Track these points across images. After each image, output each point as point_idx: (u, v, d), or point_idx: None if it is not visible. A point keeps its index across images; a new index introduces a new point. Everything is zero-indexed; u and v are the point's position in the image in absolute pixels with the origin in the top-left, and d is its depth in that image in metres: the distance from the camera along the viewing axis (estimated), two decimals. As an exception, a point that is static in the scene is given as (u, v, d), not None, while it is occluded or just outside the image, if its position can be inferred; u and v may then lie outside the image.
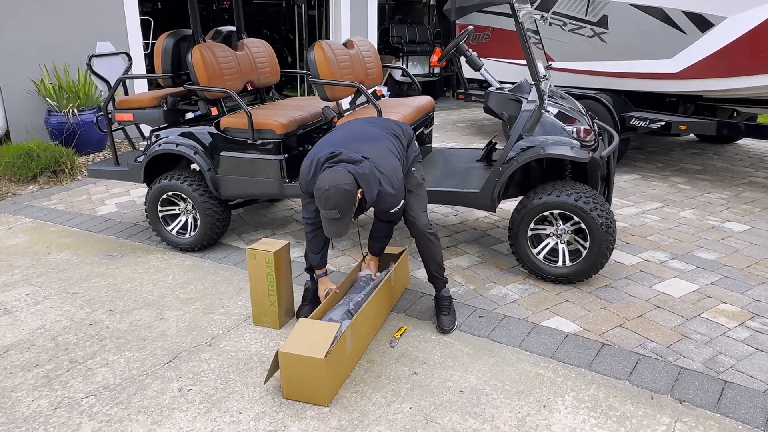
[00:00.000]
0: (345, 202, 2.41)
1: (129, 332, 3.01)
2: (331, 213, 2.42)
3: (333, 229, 2.48)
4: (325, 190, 2.40)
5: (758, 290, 3.26)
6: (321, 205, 2.42)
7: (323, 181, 2.43)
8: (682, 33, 4.97)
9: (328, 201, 2.40)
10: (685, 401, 2.34)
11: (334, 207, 2.40)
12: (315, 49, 3.66)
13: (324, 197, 2.40)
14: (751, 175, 5.62)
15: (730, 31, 4.66)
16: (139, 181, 4.18)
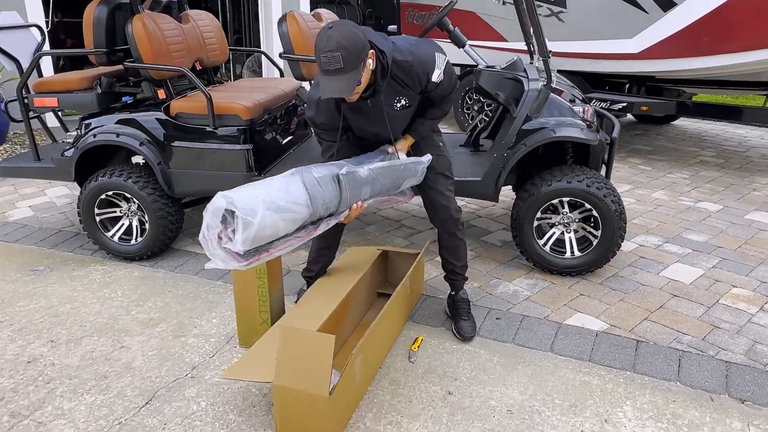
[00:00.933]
0: (350, 44, 1.91)
1: (83, 368, 2.42)
2: (333, 57, 1.90)
3: (335, 84, 1.95)
4: (328, 29, 1.94)
5: (760, 271, 3.21)
6: (321, 49, 1.92)
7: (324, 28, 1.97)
8: (644, 12, 4.92)
9: (330, 40, 1.90)
10: (747, 401, 2.17)
11: (337, 48, 1.89)
12: (288, 20, 3.17)
13: (325, 36, 1.92)
14: (699, 155, 5.75)
15: (693, 10, 4.65)
16: (68, 179, 3.49)
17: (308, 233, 2.14)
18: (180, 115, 3.26)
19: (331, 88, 1.96)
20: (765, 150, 5.94)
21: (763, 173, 5.10)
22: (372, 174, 2.26)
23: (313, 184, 2.06)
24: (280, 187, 2.00)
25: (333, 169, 2.16)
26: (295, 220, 2.02)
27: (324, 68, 1.95)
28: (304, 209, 2.02)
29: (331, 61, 1.91)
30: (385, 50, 2.09)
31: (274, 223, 1.93)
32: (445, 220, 2.53)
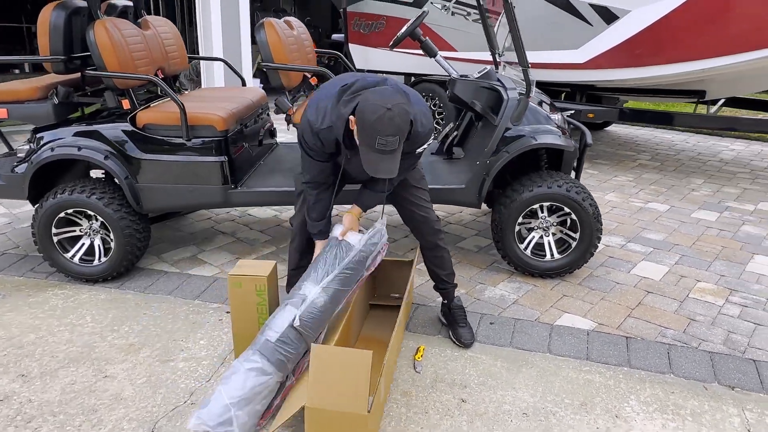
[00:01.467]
0: (406, 126, 1.96)
1: (66, 403, 2.22)
2: (392, 141, 1.92)
3: (386, 165, 1.96)
4: (386, 109, 1.91)
5: (717, 266, 3.47)
6: (380, 132, 1.91)
7: (376, 101, 1.93)
8: (589, 25, 5.20)
9: (392, 123, 1.91)
10: (736, 387, 2.33)
11: (397, 132, 1.93)
12: (266, 28, 3.08)
13: (387, 119, 1.90)
14: (636, 158, 6.14)
15: (634, 23, 4.97)
16: (19, 197, 3.20)
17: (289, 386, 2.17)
18: (148, 126, 3.08)
19: (381, 168, 1.98)
20: (693, 153, 6.43)
21: (697, 174, 5.52)
22: (330, 291, 2.21)
23: (272, 351, 2.08)
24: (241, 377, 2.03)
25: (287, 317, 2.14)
26: (271, 390, 2.09)
27: (378, 149, 1.95)
28: (273, 378, 2.08)
29: (389, 144, 1.94)
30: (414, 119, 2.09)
31: (251, 412, 2.01)
32: (427, 232, 2.54)
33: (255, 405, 2.03)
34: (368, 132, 1.94)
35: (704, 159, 6.15)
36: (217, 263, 3.49)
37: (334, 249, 2.31)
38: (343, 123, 2.08)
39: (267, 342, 2.10)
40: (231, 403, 1.98)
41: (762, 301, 3.04)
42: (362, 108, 1.96)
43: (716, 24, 4.82)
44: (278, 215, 4.35)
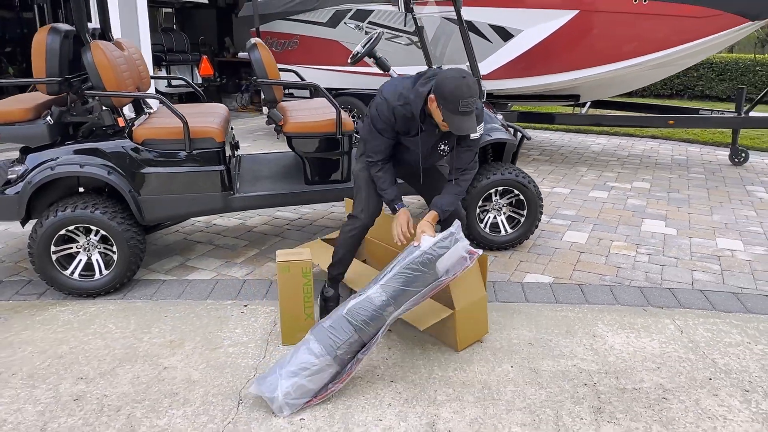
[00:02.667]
0: (477, 90, 2.38)
1: (143, 392, 2.42)
2: (471, 102, 2.34)
3: (468, 123, 2.40)
4: (462, 78, 2.34)
5: (621, 229, 4.42)
6: (462, 95, 2.31)
7: (452, 75, 2.35)
8: (489, 42, 6.10)
9: (470, 88, 2.33)
10: (664, 306, 3.16)
11: (473, 94, 2.34)
12: (258, 48, 3.42)
13: (465, 85, 2.32)
14: (529, 155, 7.19)
15: (525, 41, 5.95)
16: (12, 219, 3.21)
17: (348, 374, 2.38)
18: (148, 141, 3.27)
19: (465, 126, 2.41)
20: (570, 147, 7.66)
21: (580, 164, 6.66)
22: (389, 289, 2.42)
23: (323, 334, 2.39)
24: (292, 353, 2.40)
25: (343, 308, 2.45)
26: (319, 369, 2.33)
27: (461, 110, 2.35)
28: (321, 359, 2.34)
29: (470, 104, 2.35)
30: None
31: (296, 385, 2.29)
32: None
33: (301, 380, 2.33)
34: (452, 99, 2.34)
35: (581, 152, 7.38)
36: (210, 268, 3.72)
37: (405, 252, 2.54)
38: (422, 100, 2.48)
39: (321, 326, 2.44)
40: (279, 373, 2.33)
41: (660, 249, 3.99)
42: (442, 82, 2.37)
43: (586, 43, 5.97)
44: (244, 222, 4.61)
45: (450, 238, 2.45)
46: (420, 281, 2.44)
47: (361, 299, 2.45)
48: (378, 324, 2.43)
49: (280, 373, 2.34)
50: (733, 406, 2.31)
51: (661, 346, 2.76)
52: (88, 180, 3.38)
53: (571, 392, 2.40)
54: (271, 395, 2.28)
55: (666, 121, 6.32)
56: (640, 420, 2.23)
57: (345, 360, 2.41)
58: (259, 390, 2.31)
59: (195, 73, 10.28)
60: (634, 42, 5.90)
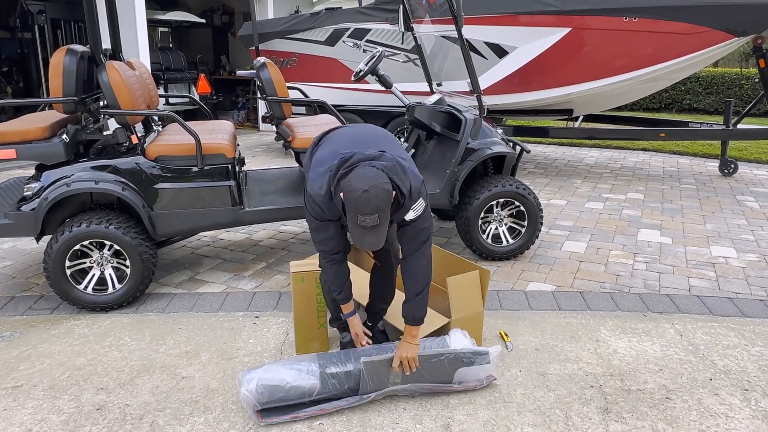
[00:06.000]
0: (385, 204, 2.09)
1: (163, 401, 2.49)
2: (371, 219, 2.07)
3: (370, 238, 2.11)
4: (363, 191, 2.05)
5: (618, 238, 4.54)
6: (359, 211, 2.07)
7: (356, 183, 2.07)
8: (485, 59, 6.27)
9: (369, 204, 2.05)
10: (663, 312, 3.27)
11: (375, 211, 2.06)
12: (268, 67, 3.54)
13: (364, 200, 2.05)
14: (525, 168, 7.34)
15: (520, 57, 6.12)
16: (28, 234, 3.27)
17: (321, 410, 2.36)
18: (161, 157, 3.37)
19: (367, 241, 2.12)
20: (564, 160, 7.82)
21: (574, 176, 6.81)
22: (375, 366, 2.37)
23: (325, 355, 2.43)
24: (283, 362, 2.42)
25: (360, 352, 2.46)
26: (301, 374, 2.35)
27: (360, 223, 2.09)
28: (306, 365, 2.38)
29: (368, 221, 2.08)
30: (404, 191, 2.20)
31: (277, 370, 2.34)
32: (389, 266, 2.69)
33: (282, 369, 2.35)
34: (350, 210, 2.10)
35: (574, 165, 7.54)
36: (220, 281, 3.79)
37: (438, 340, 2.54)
38: (340, 199, 2.19)
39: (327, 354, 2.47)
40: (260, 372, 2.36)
41: (657, 258, 4.12)
42: (344, 189, 2.11)
43: (579, 59, 6.15)
44: (250, 236, 4.69)
45: (485, 356, 2.48)
46: (437, 374, 2.45)
47: (380, 359, 2.40)
48: (379, 387, 2.42)
49: (259, 372, 2.38)
50: (734, 405, 2.41)
51: (662, 350, 2.86)
52: (101, 196, 3.47)
53: (578, 394, 2.50)
54: (244, 388, 2.31)
55: (657, 134, 6.50)
56: (645, 419, 2.32)
57: (329, 385, 2.37)
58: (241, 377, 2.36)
59: (192, 91, 10.40)
60: (625, 58, 6.09)
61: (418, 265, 2.37)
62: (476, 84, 3.81)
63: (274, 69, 3.59)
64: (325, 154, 2.36)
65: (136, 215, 3.41)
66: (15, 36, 10.75)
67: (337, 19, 7.04)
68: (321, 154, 2.39)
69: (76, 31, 9.60)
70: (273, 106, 3.59)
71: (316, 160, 2.39)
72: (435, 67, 6.38)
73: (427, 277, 2.40)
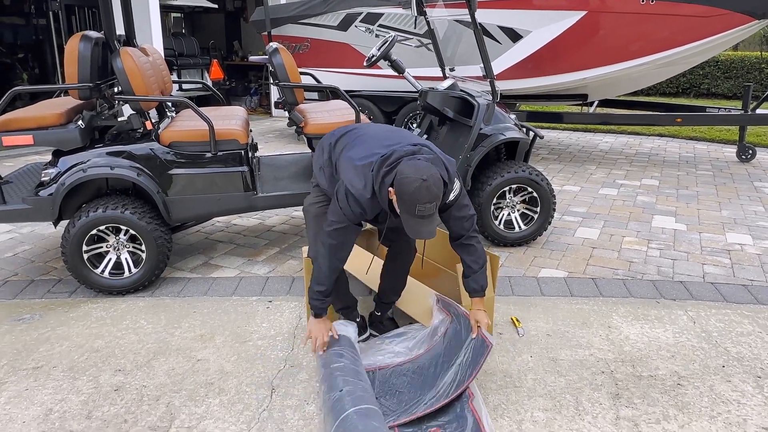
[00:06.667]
0: (440, 192, 2.15)
1: (179, 383, 2.54)
2: (429, 207, 2.12)
3: (427, 227, 2.15)
4: (422, 180, 2.09)
5: (632, 225, 4.51)
6: (419, 200, 2.09)
7: (413, 175, 2.10)
8: (498, 43, 6.21)
9: (429, 192, 2.10)
10: (677, 299, 3.26)
11: (434, 199, 2.12)
12: (280, 52, 3.54)
13: (424, 189, 2.09)
14: (538, 154, 7.28)
15: (534, 42, 6.05)
16: (46, 219, 3.33)
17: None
18: (175, 143, 3.39)
19: (423, 231, 2.16)
20: (579, 146, 7.75)
21: (588, 162, 6.75)
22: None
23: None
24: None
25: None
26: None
27: (418, 214, 2.12)
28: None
29: (427, 210, 2.11)
30: (446, 180, 2.25)
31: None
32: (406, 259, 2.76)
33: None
34: (408, 201, 2.11)
35: (589, 150, 7.47)
36: (234, 266, 3.83)
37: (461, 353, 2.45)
38: (386, 196, 2.22)
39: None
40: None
41: (671, 244, 4.08)
42: (400, 180, 2.12)
43: (593, 43, 6.06)
44: (263, 222, 4.73)
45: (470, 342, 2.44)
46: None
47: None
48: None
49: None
50: (746, 392, 2.40)
51: (674, 336, 2.85)
52: (116, 181, 3.51)
53: (589, 379, 2.50)
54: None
55: (673, 119, 6.40)
56: (656, 405, 2.33)
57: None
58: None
59: (205, 77, 10.42)
60: (642, 41, 5.99)
61: (474, 244, 2.47)
62: (489, 69, 3.78)
63: (287, 54, 3.59)
64: (360, 155, 2.35)
65: (151, 200, 3.44)
66: (30, 22, 10.84)
67: (349, 3, 6.99)
68: (355, 155, 2.37)
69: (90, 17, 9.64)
70: (285, 92, 3.60)
71: (349, 160, 2.36)
72: (448, 51, 6.34)
73: (484, 253, 2.52)
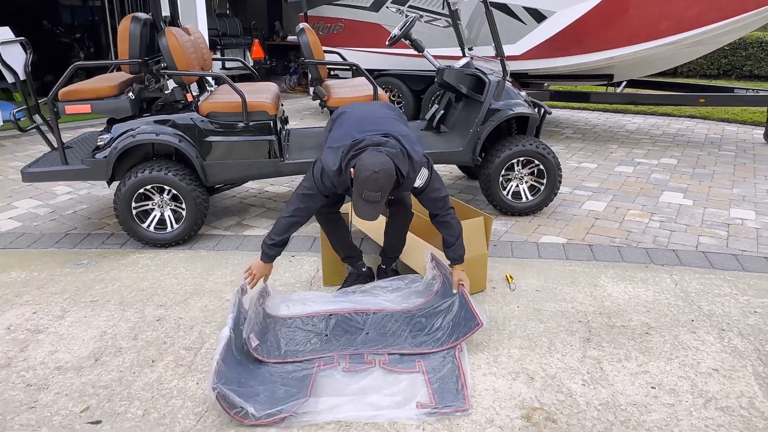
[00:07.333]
0: (388, 186, 2.50)
1: (210, 316, 2.98)
2: (374, 195, 2.47)
3: (369, 211, 2.52)
4: (373, 172, 2.44)
5: (639, 200, 4.71)
6: (366, 187, 2.46)
7: (368, 164, 2.46)
8: (523, 24, 6.38)
9: (376, 183, 2.45)
10: (665, 264, 3.49)
11: (379, 190, 2.46)
12: (306, 32, 3.90)
13: (372, 180, 2.44)
14: (563, 133, 7.44)
15: (559, 22, 6.20)
16: (101, 178, 3.82)
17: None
18: (212, 114, 3.81)
19: (366, 212, 2.53)
20: (605, 126, 7.85)
21: (611, 142, 6.88)
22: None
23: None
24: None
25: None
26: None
27: (364, 197, 2.49)
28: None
29: (371, 197, 2.48)
30: (403, 173, 2.58)
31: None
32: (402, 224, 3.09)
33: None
34: (358, 186, 2.48)
35: (614, 130, 7.57)
36: (263, 226, 4.26)
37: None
38: (349, 174, 2.57)
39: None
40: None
41: (673, 217, 4.28)
42: (358, 167, 2.49)
43: (620, 22, 6.15)
44: (291, 189, 5.14)
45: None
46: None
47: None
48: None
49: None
50: (707, 341, 2.66)
51: (654, 295, 3.11)
52: (161, 147, 3.96)
53: (566, 326, 2.81)
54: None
55: (697, 100, 6.45)
56: (621, 348, 2.62)
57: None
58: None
59: (247, 56, 10.90)
60: (669, 20, 6.03)
61: (449, 221, 2.81)
62: (500, 47, 4.04)
63: (312, 34, 3.94)
64: (339, 135, 2.75)
65: (190, 164, 3.88)
66: (86, 4, 11.54)
67: (381, -16, 7.27)
68: (335, 135, 2.79)
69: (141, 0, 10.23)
70: (310, 69, 3.96)
71: (331, 140, 2.77)
72: (472, 32, 6.55)
73: (459, 227, 2.85)
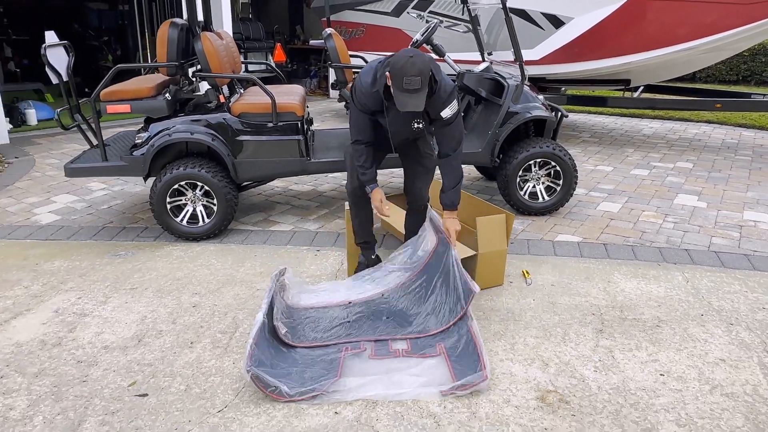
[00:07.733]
0: (426, 70, 2.47)
1: (243, 303, 3.17)
2: (415, 81, 2.44)
3: (412, 101, 2.49)
4: (409, 57, 2.47)
5: (654, 202, 4.82)
6: (405, 73, 2.44)
7: (402, 55, 2.50)
8: (541, 29, 6.52)
9: (414, 66, 2.44)
10: (677, 263, 3.61)
11: (419, 73, 2.44)
12: (333, 37, 4.09)
13: (409, 63, 2.44)
14: (579, 137, 7.54)
15: (576, 28, 6.33)
16: (138, 174, 4.03)
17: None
18: (243, 114, 4.01)
19: (409, 103, 2.50)
20: (622, 131, 7.94)
21: (628, 146, 6.97)
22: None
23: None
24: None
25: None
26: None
27: (405, 88, 2.46)
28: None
29: (413, 83, 2.45)
30: (437, 78, 2.62)
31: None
32: (415, 200, 3.23)
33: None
34: (397, 76, 2.47)
35: (631, 134, 7.66)
36: (289, 222, 4.45)
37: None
38: (384, 79, 2.63)
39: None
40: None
41: (687, 219, 4.39)
42: (392, 61, 2.54)
43: (637, 28, 6.26)
44: (316, 188, 5.33)
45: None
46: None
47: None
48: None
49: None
50: (715, 334, 2.79)
51: (666, 291, 3.23)
52: (194, 145, 4.18)
53: (579, 318, 2.95)
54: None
55: (713, 105, 6.53)
56: (632, 339, 2.75)
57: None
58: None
59: (269, 59, 11.15)
60: (686, 26, 6.12)
61: (454, 165, 2.92)
62: (518, 52, 4.19)
63: (339, 39, 4.13)
64: (374, 63, 2.82)
65: (222, 162, 4.08)
66: (115, 8, 11.90)
67: (402, -10, 7.45)
68: (369, 65, 2.86)
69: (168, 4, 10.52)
70: (336, 72, 4.14)
71: (366, 68, 2.84)
72: (491, 37, 6.70)
73: (460, 175, 2.94)
